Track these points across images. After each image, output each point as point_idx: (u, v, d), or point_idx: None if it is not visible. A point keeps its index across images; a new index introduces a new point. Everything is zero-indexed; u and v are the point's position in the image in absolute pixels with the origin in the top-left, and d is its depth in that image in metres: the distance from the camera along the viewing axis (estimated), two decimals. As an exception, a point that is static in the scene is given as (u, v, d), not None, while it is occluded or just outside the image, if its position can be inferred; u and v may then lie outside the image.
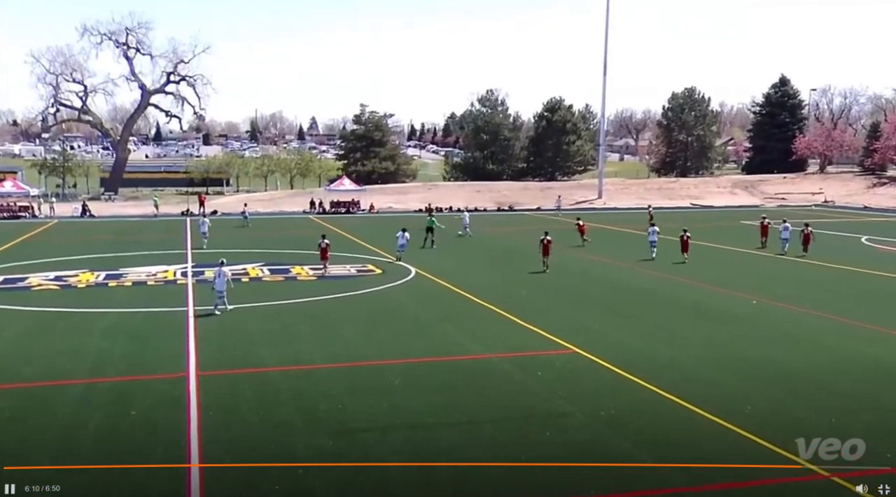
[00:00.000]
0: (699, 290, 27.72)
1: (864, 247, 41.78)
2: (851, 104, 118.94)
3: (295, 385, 16.34)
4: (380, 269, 32.29)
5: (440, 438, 13.44)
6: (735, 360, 18.35)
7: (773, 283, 29.37)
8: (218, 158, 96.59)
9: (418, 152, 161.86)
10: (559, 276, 30.81)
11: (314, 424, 14.02)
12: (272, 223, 54.08)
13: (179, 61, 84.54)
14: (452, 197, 72.20)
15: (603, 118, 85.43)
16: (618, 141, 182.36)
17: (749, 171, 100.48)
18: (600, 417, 14.33)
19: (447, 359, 18.48)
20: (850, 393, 15.82)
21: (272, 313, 23.55)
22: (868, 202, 72.39)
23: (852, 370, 17.49)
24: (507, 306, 24.15)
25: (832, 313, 23.37)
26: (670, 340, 20.21)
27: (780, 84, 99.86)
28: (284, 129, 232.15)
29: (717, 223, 55.43)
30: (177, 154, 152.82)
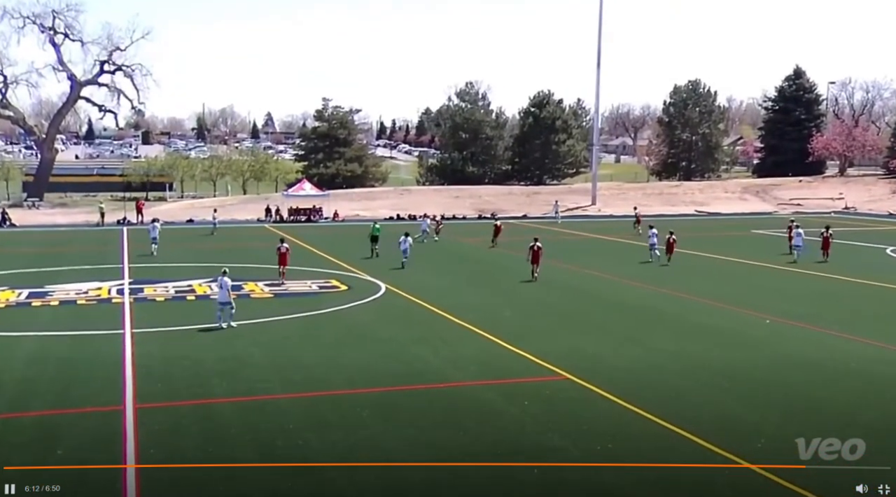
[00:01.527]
0: (707, 308, 27.89)
1: (889, 258, 42.31)
2: (874, 99, 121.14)
3: (247, 419, 16.17)
4: (345, 286, 32.20)
5: (415, 478, 13.35)
6: (748, 387, 18.44)
7: (789, 299, 29.63)
8: (160, 159, 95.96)
9: (389, 153, 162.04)
10: (549, 293, 30.89)
11: (270, 464, 13.86)
12: (223, 233, 53.75)
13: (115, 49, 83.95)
14: (427, 203, 72.17)
15: (597, 115, 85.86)
16: (613, 140, 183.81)
17: (760, 173, 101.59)
18: (597, 453, 14.31)
19: (423, 387, 18.40)
20: (877, 425, 15.93)
21: (222, 336, 23.34)
22: (893, 209, 73.41)
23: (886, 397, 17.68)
24: (490, 327, 24.13)
25: (856, 334, 23.59)
26: (676, 366, 20.27)
27: (794, 76, 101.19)
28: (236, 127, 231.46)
29: (726, 233, 55.92)
30: (112, 154, 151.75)
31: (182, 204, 75.62)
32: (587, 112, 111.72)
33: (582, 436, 15.20)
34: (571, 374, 19.09)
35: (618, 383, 18.27)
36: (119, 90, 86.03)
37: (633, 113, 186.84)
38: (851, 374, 19.56)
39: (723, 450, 14.31)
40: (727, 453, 14.16)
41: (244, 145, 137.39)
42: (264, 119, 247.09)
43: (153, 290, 30.96)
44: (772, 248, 43.90)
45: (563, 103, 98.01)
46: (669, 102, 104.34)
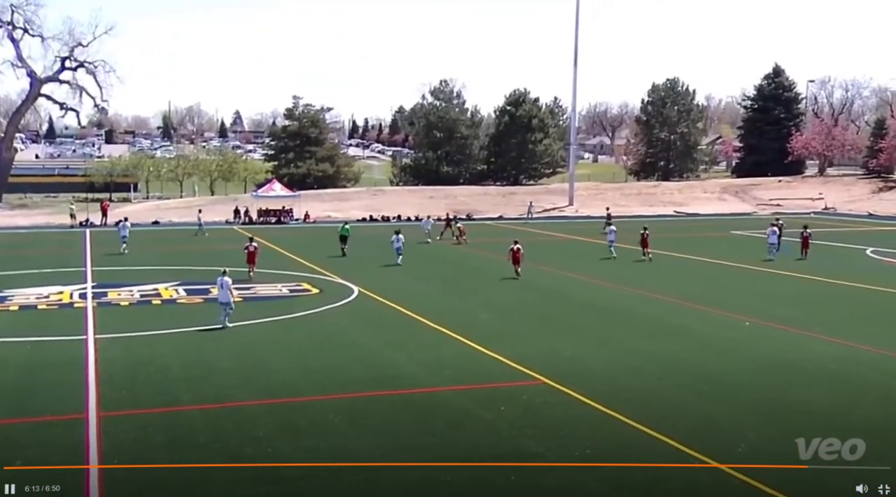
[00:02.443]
0: (685, 310, 28.10)
1: (869, 260, 42.83)
2: (854, 98, 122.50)
3: (216, 426, 16.09)
4: (316, 289, 32.13)
5: (389, 485, 13.35)
6: (727, 390, 18.61)
7: (768, 301, 29.90)
8: (124, 159, 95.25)
9: (361, 152, 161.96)
10: (525, 295, 31.00)
11: (240, 472, 13.80)
12: (189, 235, 53.42)
13: (77, 44, 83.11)
14: (401, 204, 72.24)
15: (574, 113, 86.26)
16: (591, 139, 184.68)
17: (740, 173, 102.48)
18: (574, 458, 14.37)
19: (397, 392, 18.40)
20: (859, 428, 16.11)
21: (189, 342, 23.22)
22: (873, 209, 74.34)
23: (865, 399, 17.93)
24: (465, 330, 24.17)
25: (836, 336, 23.84)
26: (653, 369, 20.40)
27: (773, 75, 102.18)
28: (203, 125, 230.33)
29: (705, 233, 56.39)
30: (74, 154, 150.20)
31: (147, 205, 75.13)
32: (564, 111, 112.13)
33: (559, 440, 15.26)
34: (548, 377, 19.16)
35: (595, 387, 18.36)
36: (81, 87, 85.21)
37: (611, 112, 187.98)
38: (831, 377, 19.78)
39: (702, 453, 14.42)
40: (706, 457, 14.27)
41: (212, 144, 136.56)
42: (233, 117, 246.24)
43: (117, 295, 30.72)
44: (751, 250, 44.32)
45: (539, 102, 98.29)
46: (647, 101, 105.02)
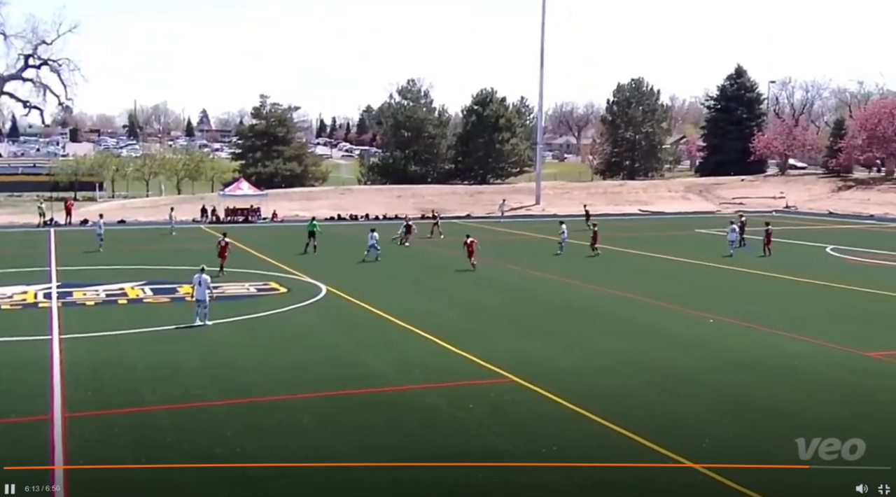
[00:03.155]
0: (651, 308, 28.26)
1: (830, 257, 43.39)
2: (814, 99, 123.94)
3: (183, 426, 15.91)
4: (285, 288, 31.92)
5: (358, 484, 13.28)
6: (693, 387, 18.73)
7: (732, 299, 30.17)
8: (89, 158, 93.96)
9: (329, 151, 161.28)
10: (493, 294, 31.02)
11: (208, 472, 13.65)
12: (156, 234, 52.88)
13: (40, 42, 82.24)
14: (369, 203, 72.05)
15: (540, 113, 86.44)
16: (557, 139, 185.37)
17: (703, 172, 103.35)
18: (542, 455, 14.38)
19: (365, 391, 18.30)
20: (822, 423, 16.30)
21: (155, 341, 22.94)
22: (833, 207, 75.37)
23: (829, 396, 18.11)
24: (434, 329, 24.12)
25: (800, 334, 24.10)
26: (621, 367, 20.49)
27: (735, 76, 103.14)
28: (170, 124, 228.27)
29: (670, 232, 56.81)
30: (38, 152, 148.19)
31: (113, 204, 74.22)
32: (531, 110, 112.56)
33: (527, 438, 15.26)
34: (516, 376, 19.17)
35: (563, 385, 18.39)
36: (45, 86, 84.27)
37: (577, 111, 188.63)
38: (795, 374, 19.96)
39: (668, 450, 14.49)
40: (672, 454, 14.34)
41: (178, 143, 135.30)
42: (199, 116, 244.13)
43: (83, 294, 30.31)
44: (715, 248, 44.69)
45: (506, 101, 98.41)
46: (613, 101, 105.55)
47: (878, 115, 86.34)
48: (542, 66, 76.23)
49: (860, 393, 18.35)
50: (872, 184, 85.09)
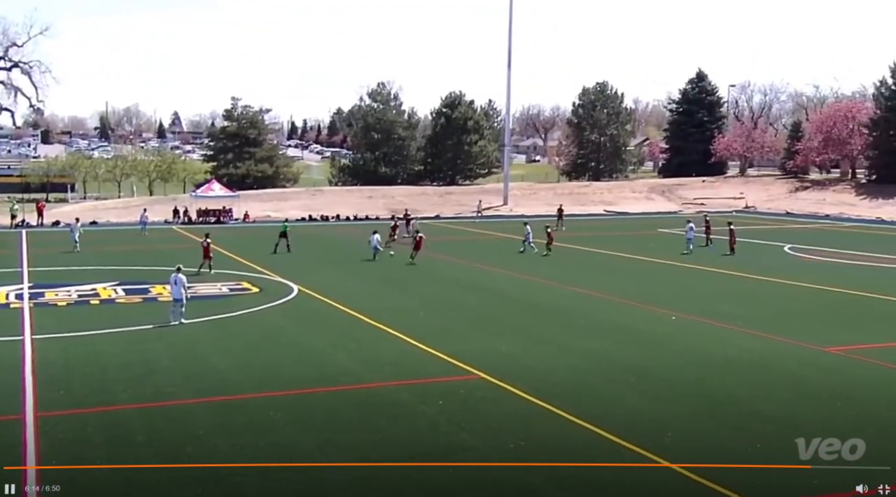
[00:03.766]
0: (615, 306, 28.45)
1: (788, 256, 43.92)
2: (772, 102, 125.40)
3: (154, 425, 15.75)
4: (257, 288, 31.73)
5: (329, 481, 13.22)
6: (656, 383, 18.85)
7: (694, 296, 30.46)
8: (60, 160, 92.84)
9: (300, 153, 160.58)
10: (462, 293, 31.07)
11: (179, 470, 13.52)
12: (128, 235, 52.34)
13: (11, 44, 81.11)
14: (340, 204, 71.82)
15: (508, 115, 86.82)
16: (524, 141, 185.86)
17: (666, 174, 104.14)
18: (509, 451, 14.40)
19: (336, 389, 18.24)
20: (776, 415, 16.49)
21: (128, 341, 22.70)
22: (790, 207, 76.31)
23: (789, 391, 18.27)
24: (404, 327, 24.09)
25: (759, 330, 24.36)
26: (586, 364, 20.58)
27: (697, 80, 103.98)
28: (141, 126, 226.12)
29: (634, 232, 57.20)
30: (9, 154, 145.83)
31: (85, 205, 73.41)
32: (498, 113, 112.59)
33: (495, 434, 15.26)
34: (485, 373, 19.19)
35: (530, 381, 18.44)
36: (16, 87, 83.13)
37: (544, 114, 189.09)
38: (755, 369, 20.15)
39: (631, 444, 14.58)
40: (636, 448, 14.42)
41: (150, 145, 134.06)
42: (171, 118, 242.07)
43: (55, 295, 29.92)
44: (678, 247, 45.10)
45: (474, 104, 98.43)
46: (578, 104, 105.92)
47: (834, 118, 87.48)
48: (510, 69, 76.53)
49: (819, 387, 18.57)
50: (828, 185, 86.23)
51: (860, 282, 33.26)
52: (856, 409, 16.86)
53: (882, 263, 40.30)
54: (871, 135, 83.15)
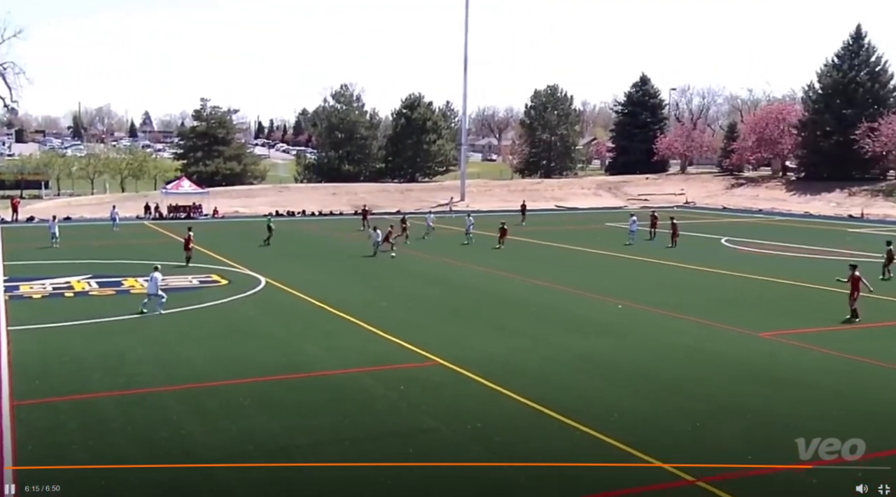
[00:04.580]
0: (567, 296, 28.65)
1: (725, 248, 44.56)
2: (710, 104, 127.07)
3: (129, 412, 15.53)
4: (226, 280, 31.40)
5: (298, 461, 13.14)
6: (605, 368, 19.04)
7: (640, 286, 30.76)
8: (34, 158, 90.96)
9: (267, 152, 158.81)
10: (423, 285, 31.06)
11: (153, 455, 13.36)
12: (101, 230, 51.45)
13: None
14: (305, 200, 71.31)
15: (464, 116, 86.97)
16: (480, 140, 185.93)
17: (612, 171, 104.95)
18: (467, 432, 14.46)
19: (303, 376, 18.15)
20: (715, 396, 16.75)
21: (101, 332, 22.35)
22: (726, 203, 77.38)
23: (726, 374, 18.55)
24: (368, 317, 24.03)
25: (701, 317, 24.71)
26: (539, 350, 20.71)
27: (641, 83, 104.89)
28: (113, 125, 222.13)
29: (583, 226, 57.60)
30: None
31: (59, 202, 71.98)
32: (455, 114, 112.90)
33: (454, 416, 15.31)
34: (444, 360, 19.22)
35: (487, 367, 18.50)
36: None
37: (498, 115, 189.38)
38: (696, 354, 20.42)
39: (581, 424, 14.72)
40: (585, 428, 14.56)
41: (122, 144, 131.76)
42: (142, 118, 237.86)
43: (30, 288, 29.34)
44: (624, 240, 45.53)
45: (433, 105, 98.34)
46: (530, 106, 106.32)
47: (766, 120, 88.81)
48: (466, 73, 76.67)
49: (755, 370, 18.83)
50: (761, 181, 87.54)
51: (790, 272, 33.87)
52: (788, 389, 17.20)
53: (810, 255, 41.08)
54: (799, 135, 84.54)
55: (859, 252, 40.82)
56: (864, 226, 58.62)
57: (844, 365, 19.27)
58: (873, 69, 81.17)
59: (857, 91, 79.64)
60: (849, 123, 77.28)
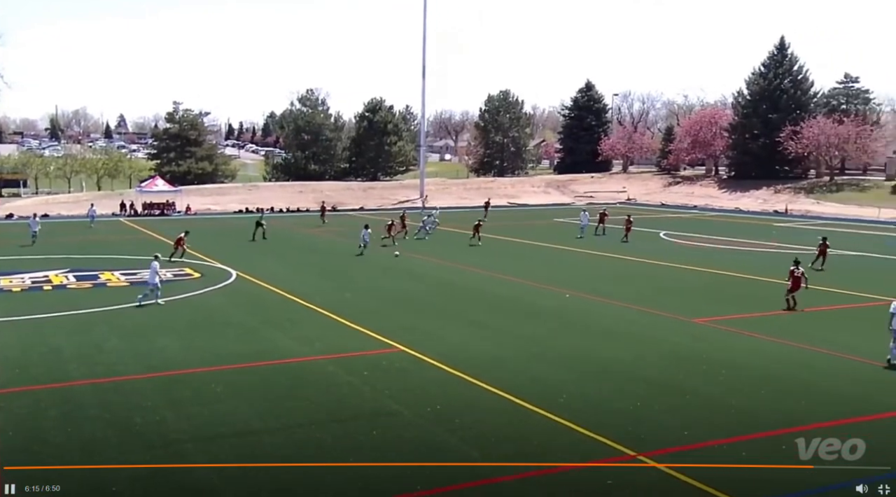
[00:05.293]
0: (518, 285, 28.79)
1: (663, 241, 45.13)
2: (649, 109, 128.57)
3: (106, 398, 15.27)
4: (198, 273, 30.98)
5: (267, 444, 13.06)
6: (554, 353, 19.18)
7: (585, 277, 31.03)
8: (13, 158, 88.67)
9: (237, 152, 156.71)
10: (386, 278, 30.97)
11: (130, 439, 13.16)
12: (78, 227, 50.40)
13: (-35, 52, 76.62)
14: (274, 198, 70.63)
15: (423, 119, 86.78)
16: (438, 142, 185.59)
17: (560, 171, 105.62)
18: (427, 414, 14.48)
19: (272, 363, 18.00)
20: (654, 378, 16.99)
21: (79, 324, 21.91)
22: (664, 200, 78.39)
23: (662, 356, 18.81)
24: (333, 308, 23.90)
25: (640, 305, 25.01)
26: (494, 337, 20.79)
27: (586, 89, 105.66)
28: (89, 127, 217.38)
29: (534, 221, 57.88)
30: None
31: (36, 200, 70.29)
32: (415, 117, 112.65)
33: (414, 399, 15.32)
34: (405, 346, 19.22)
35: (445, 353, 18.54)
36: (-30, 92, 78.69)
37: (454, 118, 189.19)
38: (635, 338, 20.67)
39: (531, 404, 14.84)
40: (536, 408, 14.69)
41: (98, 145, 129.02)
42: (117, 120, 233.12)
43: (9, 282, 28.63)
44: (571, 234, 45.88)
45: (393, 109, 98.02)
46: (484, 109, 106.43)
47: (700, 123, 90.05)
48: (424, 79, 76.40)
49: (689, 353, 19.13)
50: (695, 180, 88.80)
51: (722, 263, 34.45)
52: (720, 370, 17.49)
53: (740, 247, 41.80)
54: (730, 137, 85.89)
55: (785, 245, 41.70)
56: (788, 220, 59.83)
57: (771, 347, 19.65)
58: (795, 77, 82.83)
59: (781, 97, 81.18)
60: (774, 127, 78.76)
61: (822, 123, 75.88)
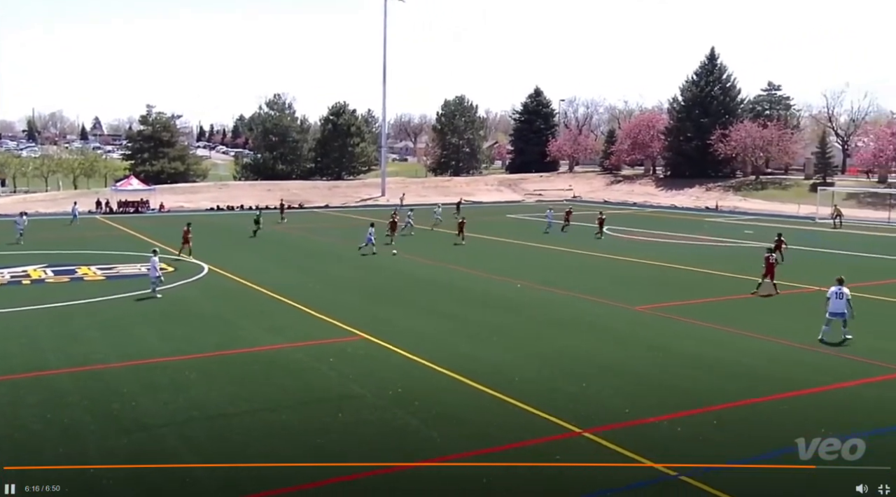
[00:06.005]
0: (473, 277, 28.87)
1: (606, 235, 45.56)
2: (593, 113, 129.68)
3: (84, 386, 14.95)
4: (172, 267, 30.44)
5: (238, 427, 12.90)
6: (509, 339, 19.28)
7: (535, 269, 31.25)
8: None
9: (208, 153, 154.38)
10: (355, 272, 30.80)
11: (106, 424, 12.91)
12: (56, 224, 49.16)
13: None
14: (244, 196, 69.79)
15: (384, 122, 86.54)
16: (398, 143, 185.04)
17: (512, 170, 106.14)
18: (388, 397, 14.46)
19: (243, 351, 17.79)
20: (598, 361, 17.21)
21: (58, 315, 21.39)
22: (607, 197, 79.27)
23: (607, 342, 19.04)
24: (301, 299, 23.71)
25: (586, 294, 25.27)
26: (455, 325, 20.82)
27: (535, 95, 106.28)
28: (66, 129, 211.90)
29: (488, 217, 58.07)
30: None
31: (14, 198, 68.44)
32: (376, 120, 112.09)
33: (377, 383, 15.28)
34: (370, 335, 19.15)
35: (407, 341, 18.51)
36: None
37: (413, 121, 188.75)
38: (582, 325, 20.90)
39: (485, 386, 14.91)
40: (491, 390, 14.76)
41: (74, 146, 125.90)
42: (93, 122, 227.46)
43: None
44: (522, 229, 46.17)
45: (356, 112, 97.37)
46: (441, 113, 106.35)
47: (639, 127, 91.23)
48: (385, 84, 76.25)
49: (631, 338, 19.38)
50: (635, 179, 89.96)
51: (659, 255, 34.98)
52: (658, 353, 17.77)
53: (675, 240, 42.50)
54: (666, 140, 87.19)
55: (716, 238, 42.49)
56: (718, 216, 61.01)
57: (705, 332, 20.02)
58: (725, 85, 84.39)
59: (711, 103, 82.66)
60: (705, 130, 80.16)
61: (748, 127, 77.54)
